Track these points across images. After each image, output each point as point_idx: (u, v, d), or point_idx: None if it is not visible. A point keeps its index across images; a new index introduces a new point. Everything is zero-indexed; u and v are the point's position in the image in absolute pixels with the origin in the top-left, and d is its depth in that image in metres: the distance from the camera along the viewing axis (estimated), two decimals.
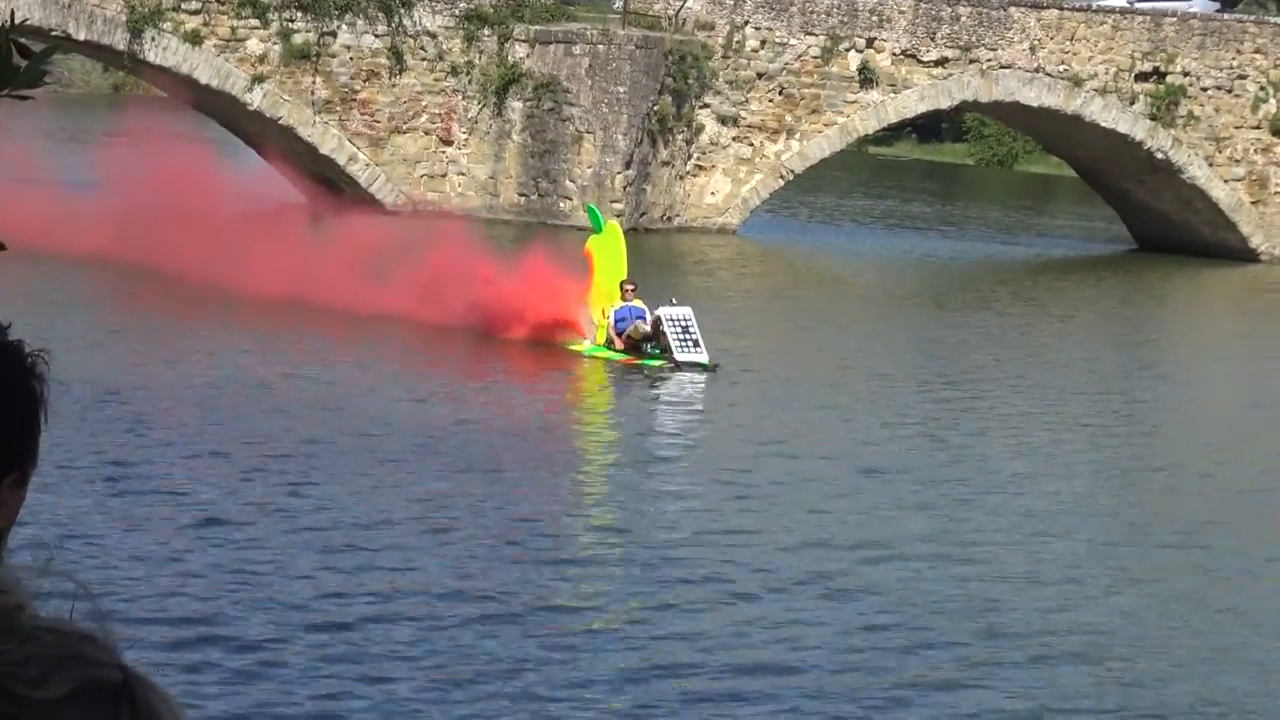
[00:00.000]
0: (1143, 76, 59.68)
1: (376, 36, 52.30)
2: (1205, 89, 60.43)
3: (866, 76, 56.72)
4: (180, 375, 26.65)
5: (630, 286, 32.12)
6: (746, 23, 55.67)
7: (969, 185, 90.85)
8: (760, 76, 55.83)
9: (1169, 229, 62.30)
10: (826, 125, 56.62)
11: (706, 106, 55.04)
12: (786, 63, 56.11)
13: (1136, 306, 49.34)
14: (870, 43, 56.88)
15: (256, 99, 50.87)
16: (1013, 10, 58.26)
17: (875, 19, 56.90)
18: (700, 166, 55.20)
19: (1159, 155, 59.90)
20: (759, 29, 55.81)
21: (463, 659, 15.34)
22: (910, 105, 58.36)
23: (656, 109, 53.14)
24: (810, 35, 56.34)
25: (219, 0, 50.50)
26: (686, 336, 31.04)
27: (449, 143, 53.15)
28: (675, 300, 32.11)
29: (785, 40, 56.10)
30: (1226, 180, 60.86)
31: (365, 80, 52.18)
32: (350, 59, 52.04)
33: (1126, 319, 46.16)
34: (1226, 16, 64.87)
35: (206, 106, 53.46)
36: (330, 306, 31.56)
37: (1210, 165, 60.59)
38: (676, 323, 31.20)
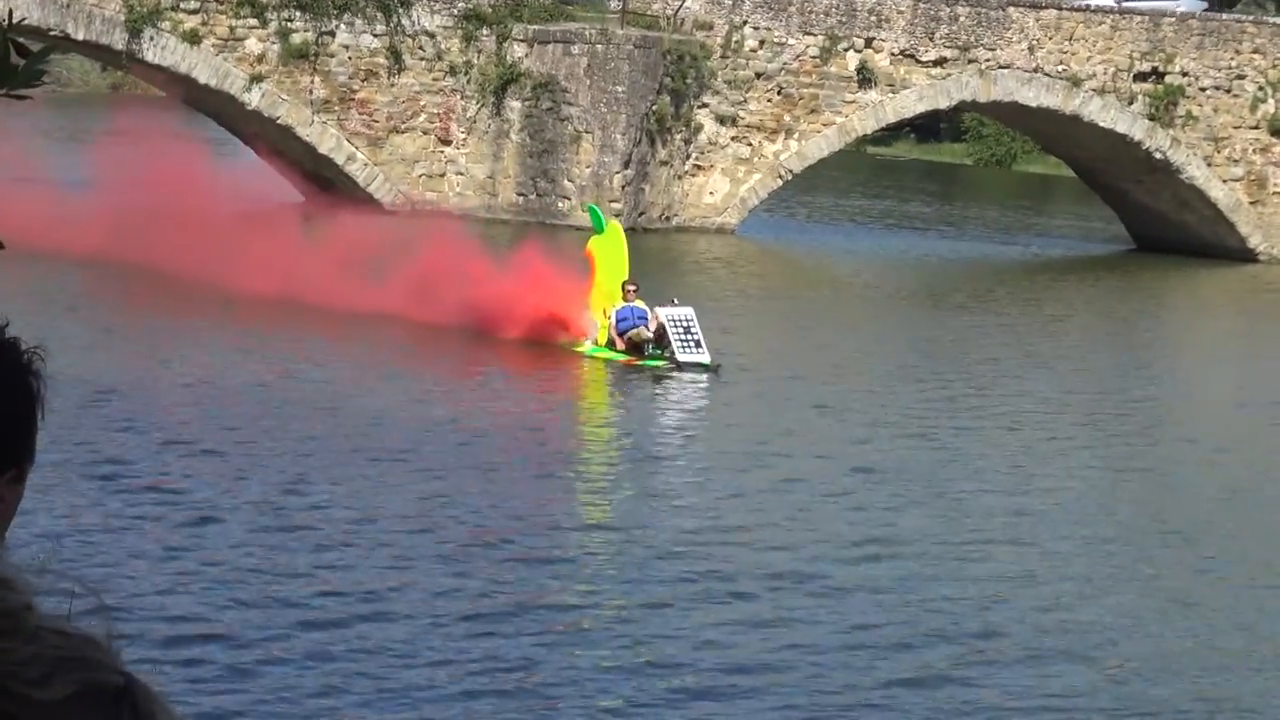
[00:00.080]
0: (1141, 76, 59.69)
1: (375, 36, 52.29)
2: (1204, 89, 60.44)
3: (865, 76, 56.73)
4: (175, 374, 26.65)
5: (632, 287, 32.06)
6: (745, 22, 55.67)
7: (967, 185, 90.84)
8: (759, 76, 55.83)
9: (1167, 229, 62.30)
10: (825, 125, 56.63)
11: (705, 106, 55.04)
12: (785, 63, 56.10)
13: (1134, 306, 49.34)
14: (869, 43, 56.88)
15: (255, 98, 50.86)
16: (1011, 10, 58.26)
17: (874, 19, 56.90)
18: (699, 166, 55.20)
19: (1157, 155, 59.90)
20: (757, 29, 55.81)
21: (459, 656, 15.34)
22: (909, 105, 58.37)
23: (655, 109, 53.14)
24: (809, 35, 56.34)
25: (217, 0, 50.50)
26: (688, 337, 31.01)
27: (447, 142, 53.15)
28: (677, 301, 32.09)
29: (784, 40, 56.10)
30: (1225, 180, 60.86)
31: (364, 80, 52.17)
32: (349, 59, 52.04)
33: (1124, 319, 46.15)
34: (1225, 16, 64.86)
35: (204, 106, 53.46)
36: (324, 306, 31.52)
37: (1209, 165, 60.59)
38: (678, 323, 31.16)
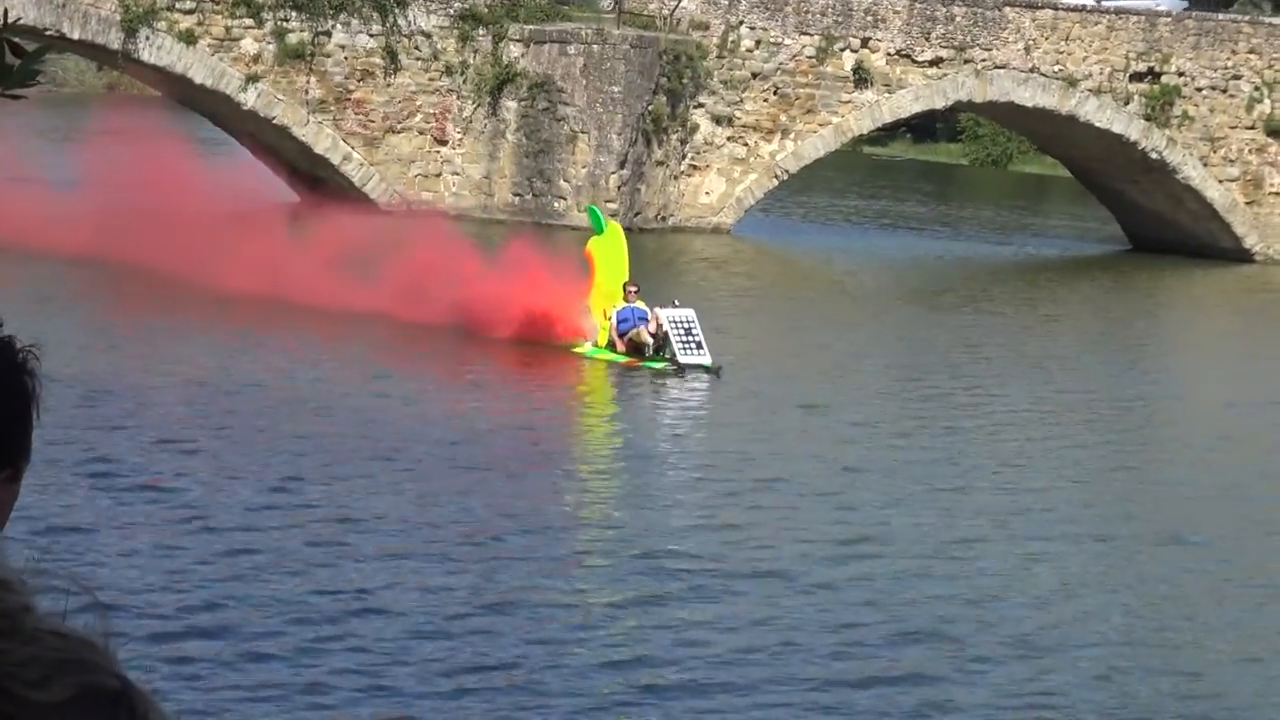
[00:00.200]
0: (1137, 77, 59.71)
1: (371, 36, 52.28)
2: (1200, 89, 60.46)
3: (861, 76, 56.73)
4: (167, 373, 26.60)
5: (633, 288, 31.95)
6: (741, 22, 55.68)
7: (963, 185, 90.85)
8: (755, 76, 55.83)
9: (1163, 229, 62.32)
10: (821, 125, 56.63)
11: (701, 106, 55.04)
12: (781, 63, 56.11)
13: (1129, 306, 49.35)
14: (865, 43, 56.89)
15: (251, 98, 50.84)
16: (1007, 10, 58.27)
17: (870, 19, 56.91)
18: (695, 166, 55.20)
19: (1153, 155, 59.92)
20: (754, 29, 55.81)
21: (450, 654, 15.35)
22: (905, 105, 58.37)
23: (651, 109, 53.13)
24: (805, 35, 56.34)
25: (213, 0, 50.47)
26: (689, 339, 30.94)
27: (443, 142, 53.14)
28: (678, 302, 32.04)
29: (780, 40, 56.10)
30: (1221, 180, 60.88)
31: (360, 80, 52.16)
32: (345, 58, 52.02)
33: (1119, 319, 46.16)
34: (1221, 17, 64.87)
35: (200, 106, 53.45)
36: (316, 305, 31.47)
37: (1205, 165, 60.61)
38: (679, 325, 31.10)
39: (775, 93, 56.05)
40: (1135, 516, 23.14)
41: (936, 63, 57.56)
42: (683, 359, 30.71)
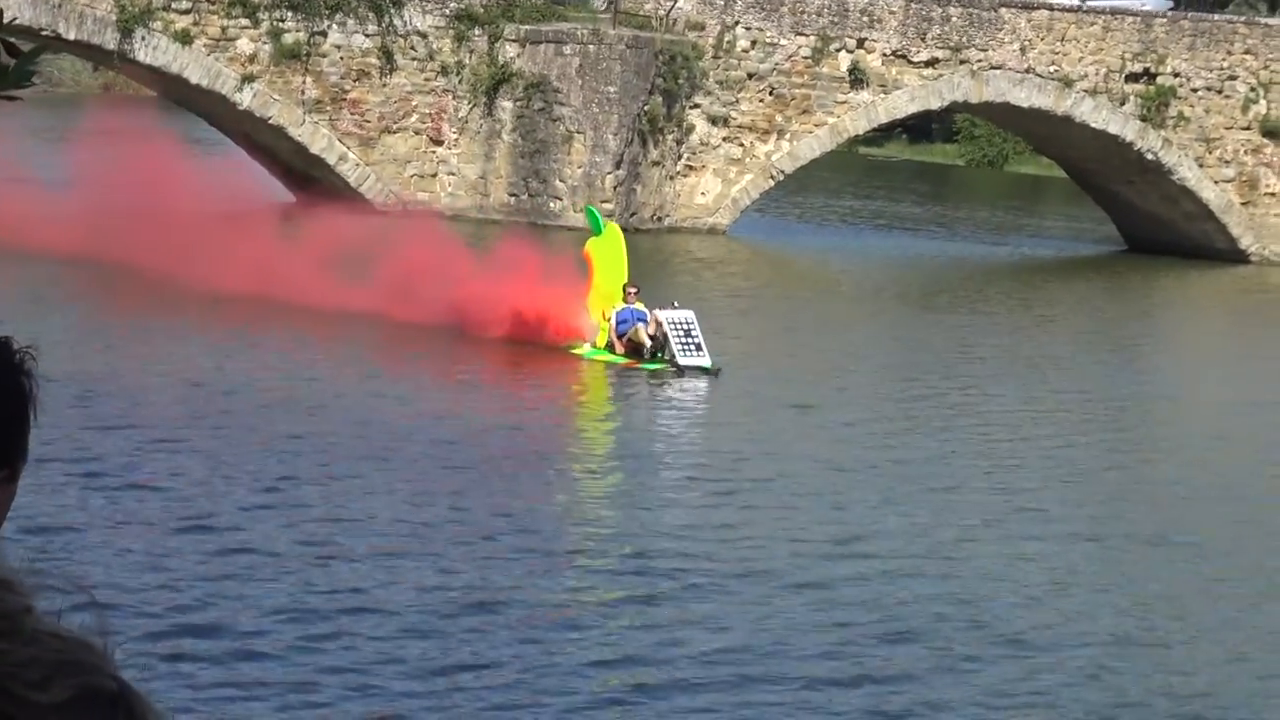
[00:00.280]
0: (1133, 77, 59.74)
1: (367, 36, 52.28)
2: (1195, 90, 60.49)
3: (857, 77, 56.75)
4: (161, 373, 26.56)
5: (633, 289, 31.84)
6: (737, 23, 55.69)
7: (959, 186, 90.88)
8: (751, 77, 55.85)
9: (1159, 230, 62.35)
10: (817, 125, 56.65)
11: (697, 107, 55.05)
12: (777, 63, 56.12)
13: (1124, 307, 49.38)
14: (861, 43, 56.91)
15: (246, 99, 50.84)
16: (1003, 11, 58.30)
17: (866, 19, 56.93)
18: (690, 167, 55.21)
19: (1149, 156, 59.95)
20: (749, 29, 55.83)
21: (446, 653, 15.36)
22: (901, 106, 58.40)
23: (647, 109, 53.14)
24: (801, 35, 56.36)
25: (209, 0, 50.47)
26: (688, 340, 30.87)
27: (439, 142, 53.14)
28: (677, 303, 31.99)
29: (776, 40, 56.11)
30: (1216, 181, 60.91)
31: (355, 80, 52.16)
32: (340, 59, 52.03)
33: (1113, 319, 46.18)
34: (1216, 17, 64.92)
35: (196, 106, 53.43)
36: (308, 305, 31.43)
37: (1200, 166, 60.65)
38: (678, 326, 31.02)
39: (771, 93, 56.07)
40: (1128, 516, 23.16)
41: (932, 63, 57.59)
42: (682, 360, 30.66)
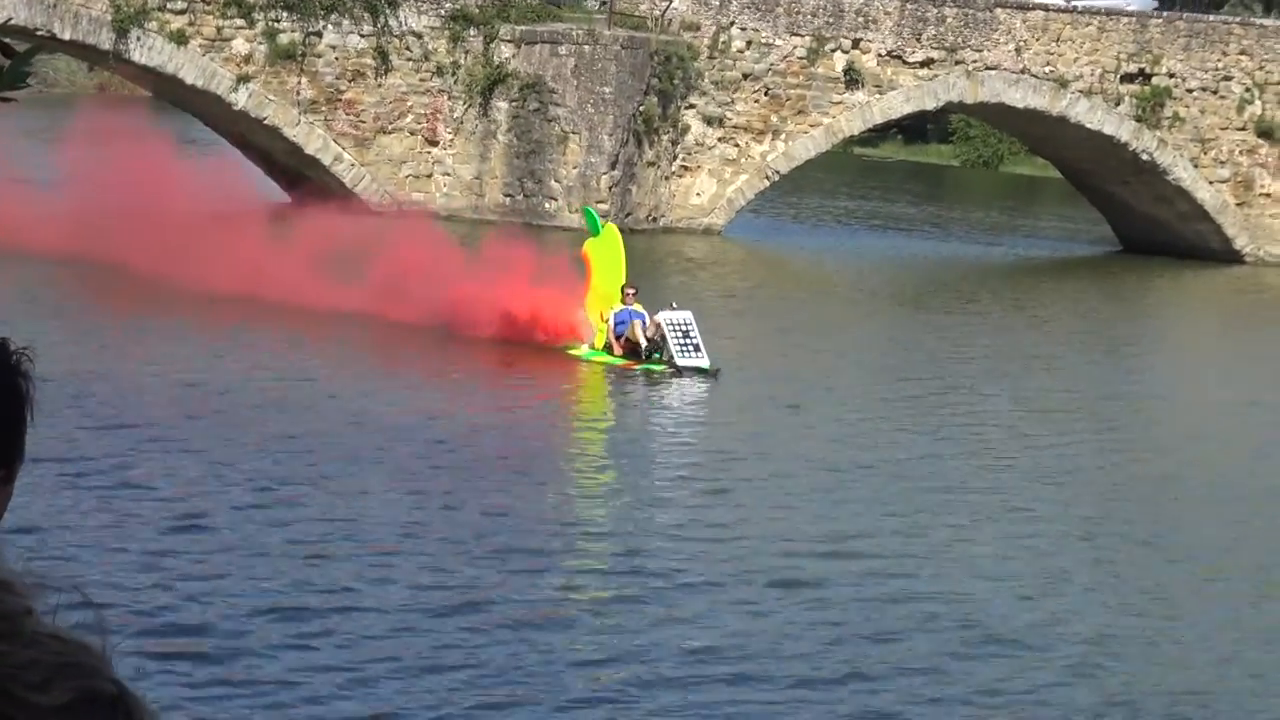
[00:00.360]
0: (1128, 78, 59.78)
1: (362, 36, 52.29)
2: (1190, 90, 60.54)
3: (852, 77, 56.78)
4: (154, 373, 26.54)
5: (631, 290, 31.70)
6: (732, 23, 55.72)
7: (954, 186, 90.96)
8: (746, 77, 55.87)
9: (1154, 230, 62.41)
10: (812, 126, 56.68)
11: (692, 107, 55.07)
12: (772, 63, 56.15)
13: (1119, 308, 49.40)
14: (856, 44, 56.94)
15: (242, 99, 50.84)
16: (998, 11, 58.34)
17: (861, 20, 56.96)
18: (686, 167, 55.23)
19: (1144, 157, 59.99)
20: (745, 30, 55.85)
21: (438, 652, 15.36)
22: (896, 106, 58.44)
23: (642, 109, 53.15)
24: (796, 36, 56.39)
25: (204, 0, 50.47)
26: (687, 341, 30.78)
27: (434, 143, 53.15)
28: (675, 304, 31.96)
29: (771, 41, 56.14)
30: (1211, 182, 60.96)
31: (351, 80, 52.17)
32: (336, 59, 52.03)
33: (1109, 320, 46.20)
34: (1212, 18, 64.97)
35: (191, 106, 53.43)
36: (297, 305, 31.41)
37: (1195, 167, 60.69)
38: (677, 327, 30.94)
39: (766, 93, 56.09)
40: (1120, 516, 23.18)
41: (927, 64, 57.62)
42: (680, 361, 30.59)
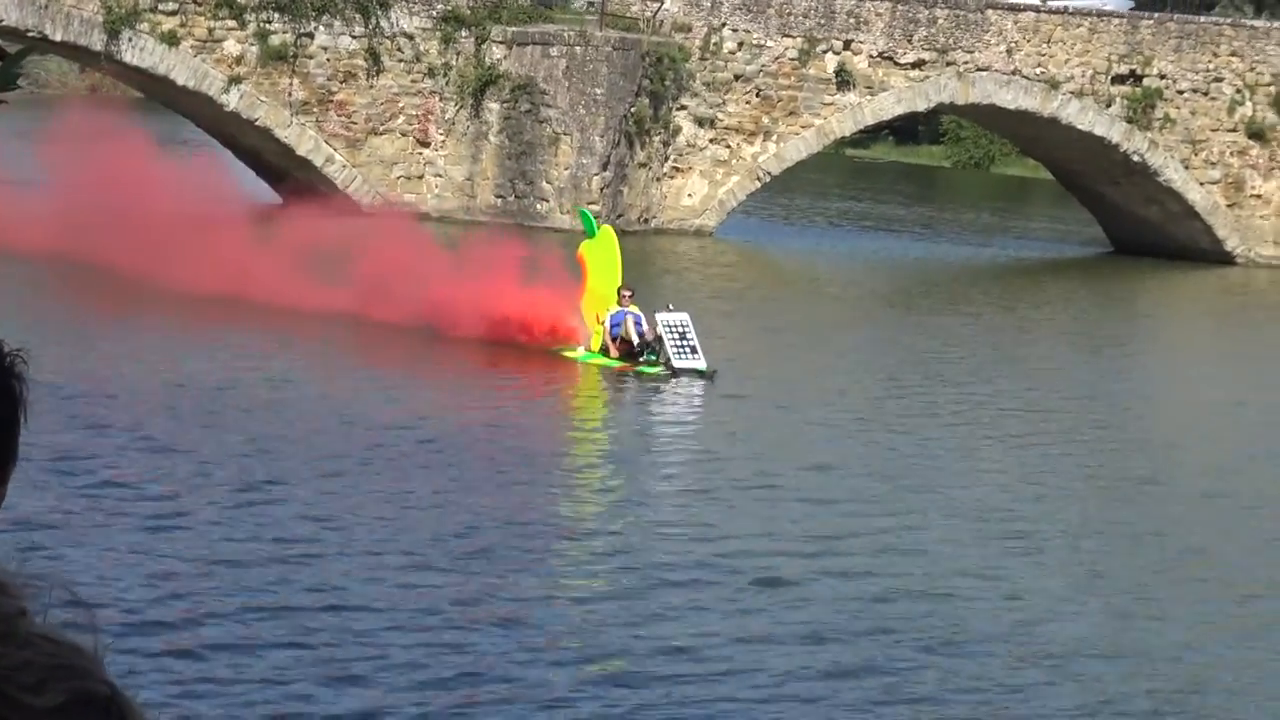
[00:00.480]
0: (1119, 79, 59.83)
1: (353, 38, 52.28)
2: (1181, 92, 60.59)
3: (843, 79, 56.81)
4: (142, 373, 26.52)
5: (627, 292, 31.59)
6: (724, 25, 55.74)
7: (945, 188, 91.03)
8: (737, 78, 55.90)
9: (1145, 231, 62.46)
10: (803, 127, 56.71)
11: (683, 108, 55.10)
12: (764, 65, 56.18)
13: (1110, 309, 49.44)
14: (847, 45, 56.97)
15: (233, 100, 50.84)
16: (989, 13, 58.38)
17: (852, 21, 56.99)
18: (677, 168, 55.25)
19: (1135, 158, 60.05)
20: (736, 31, 55.88)
21: (429, 651, 15.35)
22: (887, 107, 58.47)
23: (633, 111, 53.18)
24: (787, 37, 56.42)
25: (196, 1, 50.45)
26: (684, 343, 30.69)
27: (426, 144, 53.15)
28: (672, 306, 31.92)
29: (762, 42, 56.17)
30: (1202, 183, 61.02)
31: (342, 81, 52.16)
32: (327, 60, 52.02)
33: (1099, 321, 46.24)
34: (1203, 19, 65.04)
35: (182, 107, 53.41)
36: (283, 306, 31.38)
37: (1186, 168, 60.75)
38: (673, 329, 30.86)
39: (757, 95, 56.12)
40: (1108, 516, 23.21)
41: (919, 65, 57.66)
42: (677, 363, 30.50)
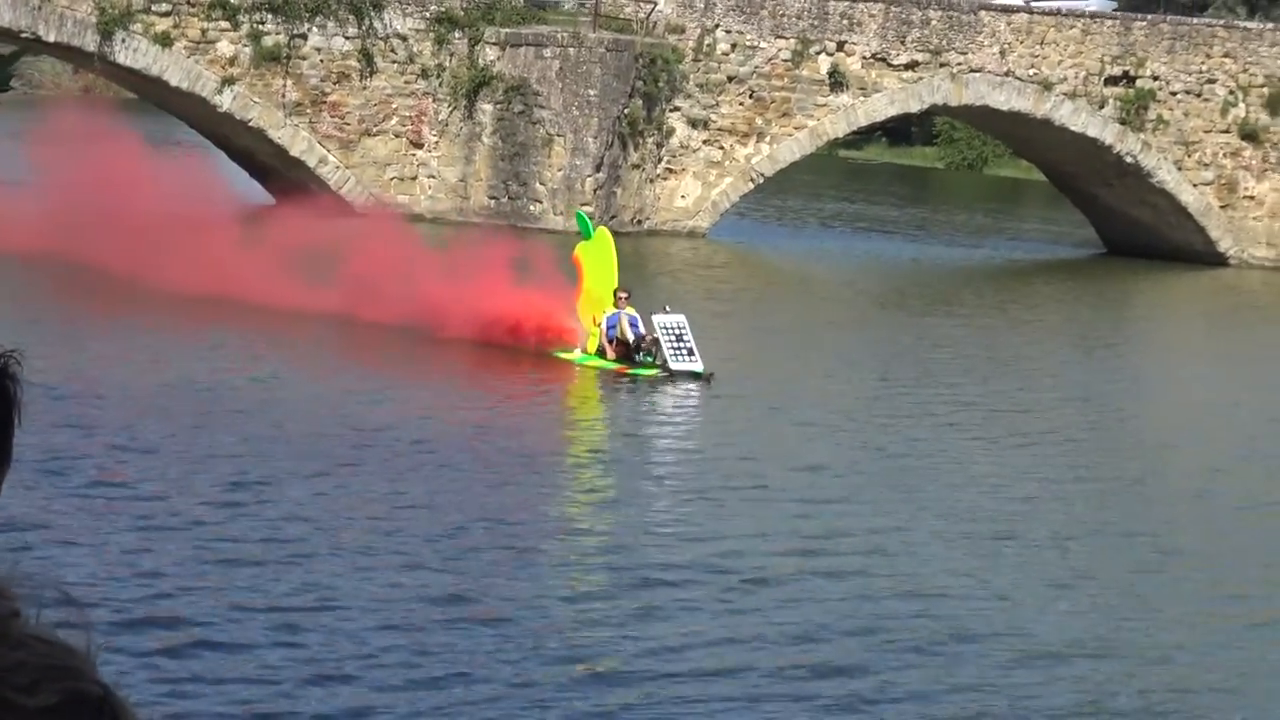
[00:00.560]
0: (1112, 80, 59.86)
1: (347, 39, 52.27)
2: (1174, 93, 60.63)
3: (837, 80, 56.83)
4: (133, 373, 26.50)
5: (624, 294, 31.50)
6: (717, 26, 55.75)
7: (938, 189, 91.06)
8: (731, 80, 55.91)
9: (1138, 233, 62.50)
10: (797, 128, 56.72)
11: (677, 110, 55.10)
12: (757, 66, 56.19)
13: (1103, 310, 49.46)
14: (840, 46, 56.99)
15: (226, 101, 50.82)
16: (983, 14, 58.42)
17: (845, 22, 57.02)
18: (670, 170, 55.26)
19: (1128, 159, 60.08)
20: (729, 32, 55.90)
21: (419, 651, 15.36)
22: (880, 109, 58.49)
23: (627, 112, 53.18)
24: (781, 39, 56.43)
25: (189, 2, 50.43)
26: (681, 345, 30.64)
27: (419, 145, 53.14)
28: (669, 307, 31.89)
29: (756, 43, 56.19)
30: (1195, 184, 61.05)
31: (336, 82, 52.15)
32: (321, 61, 52.01)
33: (1092, 323, 46.26)
34: (1196, 21, 65.08)
35: (175, 108, 53.39)
36: (275, 306, 31.35)
37: (1179, 169, 60.78)
38: (670, 331, 30.81)
39: (751, 96, 56.13)
40: (1102, 516, 23.24)
41: (912, 66, 57.68)
42: (674, 365, 30.43)
